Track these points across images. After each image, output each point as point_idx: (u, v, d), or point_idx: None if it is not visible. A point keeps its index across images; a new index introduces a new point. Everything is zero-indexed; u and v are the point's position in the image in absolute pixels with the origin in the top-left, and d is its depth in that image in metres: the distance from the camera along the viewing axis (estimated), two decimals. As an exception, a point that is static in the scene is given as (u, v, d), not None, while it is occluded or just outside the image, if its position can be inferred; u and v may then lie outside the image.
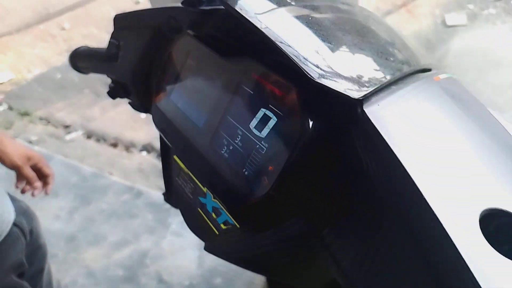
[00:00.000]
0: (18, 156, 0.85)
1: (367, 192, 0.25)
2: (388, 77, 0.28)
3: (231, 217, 0.33)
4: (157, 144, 2.70)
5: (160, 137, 0.45)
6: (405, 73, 0.30)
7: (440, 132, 0.26)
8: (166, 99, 0.40)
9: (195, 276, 1.69)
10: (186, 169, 0.39)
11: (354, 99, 0.25)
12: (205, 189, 0.37)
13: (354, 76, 0.27)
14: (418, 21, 3.29)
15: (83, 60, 0.59)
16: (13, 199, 0.84)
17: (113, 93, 0.53)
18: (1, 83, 4.10)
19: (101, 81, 3.63)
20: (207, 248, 0.39)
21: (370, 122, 0.25)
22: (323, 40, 0.30)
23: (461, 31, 3.03)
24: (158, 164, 2.55)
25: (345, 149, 0.26)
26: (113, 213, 2.13)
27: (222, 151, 0.31)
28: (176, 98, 0.39)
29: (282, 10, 0.32)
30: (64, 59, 4.38)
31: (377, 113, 0.25)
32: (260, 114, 0.29)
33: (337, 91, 0.25)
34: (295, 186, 0.27)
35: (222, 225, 0.35)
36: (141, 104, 0.50)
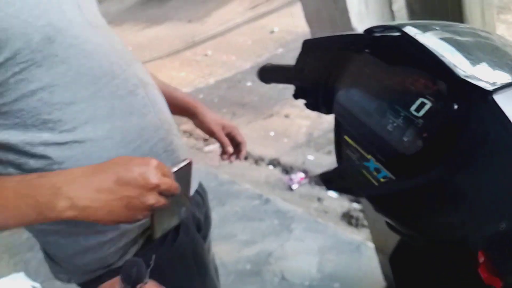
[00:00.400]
0: (214, 124, 1.04)
1: (488, 149, 0.40)
2: None
3: (389, 172, 0.50)
4: (283, 160, 2.95)
5: (335, 123, 0.63)
6: None
7: None
8: (345, 95, 0.59)
9: (315, 279, 1.84)
10: (353, 144, 0.57)
11: (488, 90, 0.40)
12: (369, 156, 0.54)
13: (488, 76, 0.42)
14: None
15: (270, 73, 0.81)
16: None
17: (297, 95, 0.73)
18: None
19: (238, 104, 4.07)
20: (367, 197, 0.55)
21: (497, 106, 0.40)
22: (466, 53, 0.46)
23: None
24: (283, 177, 2.78)
25: (477, 122, 0.41)
26: (244, 215, 2.40)
27: (388, 127, 0.48)
28: (354, 94, 0.57)
29: (434, 32, 0.49)
30: (207, 81, 4.98)
31: (503, 100, 0.40)
32: (418, 101, 0.45)
33: (475, 84, 0.41)
34: (440, 145, 0.43)
35: (381, 179, 0.52)
36: (316, 104, 0.69)
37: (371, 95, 0.54)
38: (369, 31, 0.55)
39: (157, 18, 8.24)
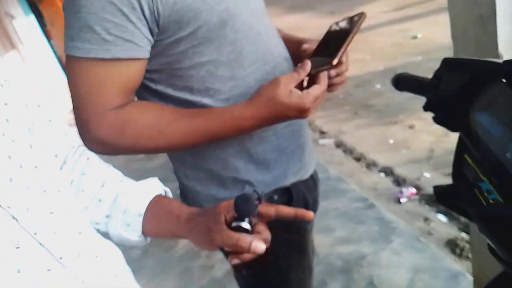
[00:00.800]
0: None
1: None
2: None
3: (499, 196, 0.53)
4: (397, 170, 2.88)
5: (458, 141, 0.66)
6: None
7: None
8: (475, 116, 0.62)
9: (402, 292, 1.83)
10: (472, 163, 0.60)
11: None
12: (484, 177, 0.57)
13: None
14: None
15: (406, 81, 0.85)
16: None
17: (427, 108, 0.77)
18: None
19: (362, 104, 4.04)
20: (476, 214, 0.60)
21: None
22: None
23: None
24: (393, 188, 2.73)
25: None
26: (344, 213, 2.44)
27: (507, 154, 0.51)
28: (484, 117, 0.60)
29: None
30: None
31: None
32: None
33: None
34: None
35: (490, 200, 0.55)
36: (445, 120, 0.72)
37: (500, 122, 0.57)
38: (510, 62, 0.58)
39: (301, 6, 8.42)
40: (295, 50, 0.91)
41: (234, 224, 0.60)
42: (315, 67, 0.79)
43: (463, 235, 2.13)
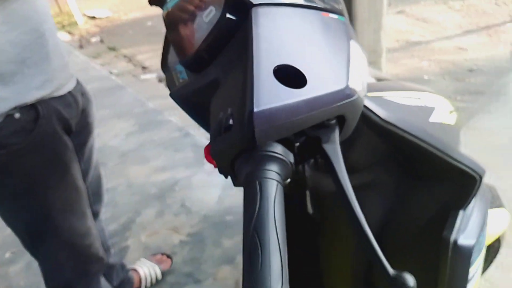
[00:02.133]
0: None
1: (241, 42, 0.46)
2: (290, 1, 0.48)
3: (186, 75, 0.55)
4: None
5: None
6: (306, 3, 0.50)
7: (291, 31, 0.46)
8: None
9: (211, 210, 1.95)
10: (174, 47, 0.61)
11: (250, 3, 0.45)
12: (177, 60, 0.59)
13: None
14: (495, 46, 3.25)
15: None
16: (77, 82, 1.03)
17: (151, 1, 0.74)
18: (100, 18, 4.61)
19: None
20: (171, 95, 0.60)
21: (251, 19, 0.45)
22: None
23: (538, 66, 2.97)
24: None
25: (242, 31, 0.46)
26: (161, 144, 2.44)
27: (186, 31, 0.54)
28: None
29: None
30: (159, 9, 4.76)
31: (261, 13, 0.46)
32: (209, 9, 0.50)
33: None
34: (216, 47, 0.48)
35: (181, 80, 0.56)
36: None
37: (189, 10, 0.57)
38: None
39: None
40: None
41: None
42: None
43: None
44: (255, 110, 0.39)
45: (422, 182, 0.69)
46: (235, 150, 0.42)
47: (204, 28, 0.50)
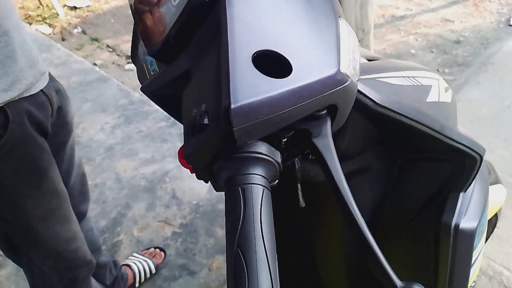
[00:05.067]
0: None
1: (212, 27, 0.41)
2: None
3: (157, 65, 0.51)
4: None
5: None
6: None
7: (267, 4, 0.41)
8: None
9: (203, 199, 1.92)
10: (141, 40, 0.57)
11: None
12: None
13: None
14: (482, 16, 3.21)
15: None
16: (51, 79, 0.96)
17: None
18: (80, 8, 4.47)
19: (166, 22, 3.88)
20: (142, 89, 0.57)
21: (224, 1, 0.39)
22: None
23: (525, 34, 2.94)
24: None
25: (215, 12, 0.41)
26: (148, 134, 2.39)
27: (155, 16, 0.48)
28: None
29: None
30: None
31: None
32: None
33: None
34: (185, 35, 0.43)
35: (152, 72, 0.51)
36: None
37: None
38: None
39: None
40: None
41: None
42: None
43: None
44: (232, 106, 0.34)
45: (417, 164, 0.66)
46: (212, 152, 0.37)
47: (172, 12, 0.45)
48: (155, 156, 2.23)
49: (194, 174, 0.42)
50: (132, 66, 3.39)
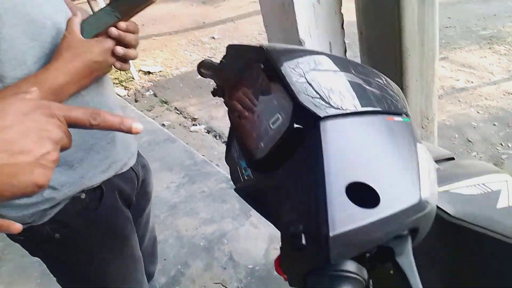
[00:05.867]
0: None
1: (303, 156, 0.47)
2: (357, 108, 0.50)
3: (250, 172, 0.58)
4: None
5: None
6: (370, 109, 0.50)
7: (360, 149, 0.46)
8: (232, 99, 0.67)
9: (259, 264, 1.97)
10: (236, 144, 0.64)
11: (317, 115, 0.46)
12: (242, 156, 0.62)
13: (332, 101, 0.51)
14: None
15: (204, 68, 0.85)
16: (138, 155, 1.08)
17: (214, 93, 0.82)
18: (152, 72, 4.92)
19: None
20: (236, 190, 0.65)
21: (319, 132, 0.45)
22: (327, 83, 0.52)
23: None
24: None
25: (309, 141, 0.47)
26: (210, 195, 2.53)
27: (253, 133, 0.56)
28: (242, 97, 0.67)
29: (301, 59, 0.55)
30: (206, 63, 5.03)
31: (327, 126, 0.46)
32: (276, 116, 0.51)
33: (310, 110, 0.47)
34: (282, 153, 0.49)
35: (245, 177, 0.59)
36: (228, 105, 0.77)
37: (253, 104, 0.63)
38: (262, 47, 0.64)
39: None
40: None
41: None
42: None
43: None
44: (331, 234, 0.38)
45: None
46: (307, 268, 0.42)
47: (270, 134, 0.52)
48: (215, 216, 2.35)
49: (288, 281, 0.47)
50: (196, 128, 3.63)
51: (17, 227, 0.52)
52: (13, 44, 0.71)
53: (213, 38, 5.81)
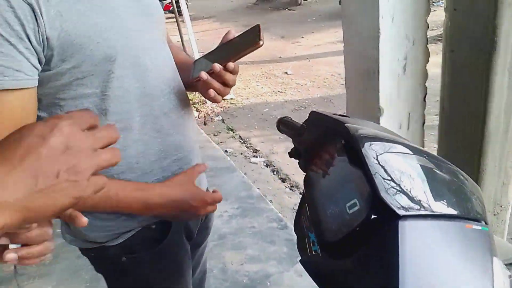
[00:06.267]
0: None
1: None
2: (436, 209, 0.49)
3: (319, 248, 0.58)
4: (316, 195, 3.03)
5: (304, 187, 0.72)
6: (448, 214, 0.50)
7: (437, 261, 0.45)
8: (310, 172, 0.69)
9: (298, 314, 1.94)
10: (308, 213, 0.66)
11: (397, 213, 0.46)
12: (311, 229, 0.63)
13: (412, 199, 0.52)
14: None
15: (284, 125, 0.89)
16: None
17: (291, 154, 0.84)
18: (224, 100, 5.10)
19: (296, 126, 4.20)
20: (301, 261, 0.65)
21: (397, 230, 0.45)
22: (409, 176, 0.53)
23: None
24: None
25: (384, 236, 0.48)
26: (259, 232, 2.53)
27: (328, 212, 0.58)
28: (314, 174, 0.68)
29: (387, 146, 0.56)
30: (277, 97, 5.19)
31: (407, 226, 0.46)
32: (353, 201, 0.51)
33: (389, 206, 0.47)
34: (355, 241, 0.50)
35: (313, 252, 0.59)
36: (304, 168, 0.79)
37: (330, 178, 0.64)
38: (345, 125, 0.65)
39: (255, 25, 8.58)
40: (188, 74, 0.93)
41: None
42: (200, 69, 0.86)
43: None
44: None
45: None
46: None
47: (346, 219, 0.52)
48: (261, 255, 2.34)
49: None
50: (256, 160, 3.69)
51: (84, 220, 0.57)
52: (122, 84, 0.79)
53: (286, 73, 5.93)
